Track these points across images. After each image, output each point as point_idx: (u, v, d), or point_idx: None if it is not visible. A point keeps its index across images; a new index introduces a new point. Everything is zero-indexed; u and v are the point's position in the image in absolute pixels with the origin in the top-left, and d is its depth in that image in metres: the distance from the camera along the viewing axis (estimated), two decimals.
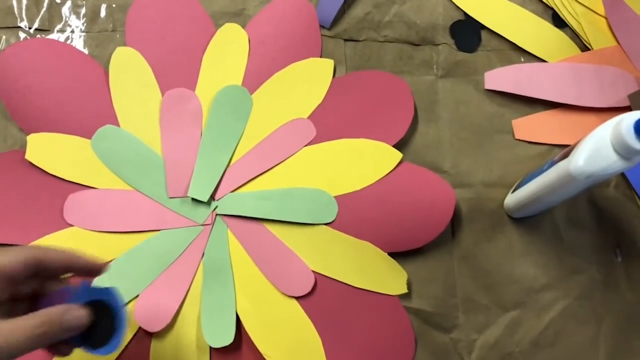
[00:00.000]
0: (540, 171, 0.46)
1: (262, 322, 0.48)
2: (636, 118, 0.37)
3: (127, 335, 0.47)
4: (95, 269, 0.37)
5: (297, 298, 0.49)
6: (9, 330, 0.30)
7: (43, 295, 0.35)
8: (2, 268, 0.32)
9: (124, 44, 0.54)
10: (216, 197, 0.51)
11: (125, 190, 0.50)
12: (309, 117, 0.53)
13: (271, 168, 0.52)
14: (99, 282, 0.43)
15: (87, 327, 0.34)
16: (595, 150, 0.40)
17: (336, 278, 0.49)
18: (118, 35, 0.55)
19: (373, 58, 0.57)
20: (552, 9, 0.60)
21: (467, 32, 0.58)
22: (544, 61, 0.58)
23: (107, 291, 0.36)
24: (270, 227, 0.50)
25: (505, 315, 0.51)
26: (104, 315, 0.36)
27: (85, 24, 0.55)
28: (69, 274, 0.36)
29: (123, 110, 0.52)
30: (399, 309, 0.49)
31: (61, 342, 0.34)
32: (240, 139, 0.52)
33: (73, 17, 0.55)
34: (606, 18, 0.58)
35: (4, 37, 0.54)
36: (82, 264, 0.36)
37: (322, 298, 0.49)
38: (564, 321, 0.51)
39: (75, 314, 0.33)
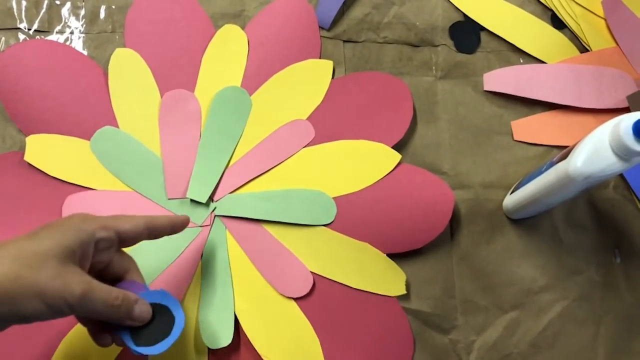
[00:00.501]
0: (539, 172, 0.46)
1: (260, 324, 0.48)
2: (635, 119, 0.37)
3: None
4: (185, 224, 0.43)
5: (295, 299, 0.49)
6: (94, 287, 0.35)
7: (119, 276, 0.40)
8: (125, 232, 0.38)
9: (123, 45, 0.54)
10: (215, 198, 0.51)
11: (124, 191, 0.50)
12: (308, 118, 0.53)
13: (270, 169, 0.52)
14: None
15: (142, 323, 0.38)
16: (594, 151, 0.40)
17: (335, 279, 0.49)
18: (117, 37, 0.55)
19: (372, 59, 0.57)
20: (551, 10, 0.60)
21: (467, 34, 0.58)
22: (543, 62, 0.58)
23: (175, 303, 0.39)
24: (269, 228, 0.50)
25: (504, 316, 0.51)
26: (160, 319, 0.39)
27: (84, 25, 0.55)
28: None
29: (122, 112, 0.52)
30: (398, 310, 0.49)
31: (110, 328, 0.38)
32: (239, 140, 0.52)
33: (72, 18, 0.55)
34: (605, 19, 0.59)
35: (3, 38, 0.54)
36: (179, 223, 0.42)
37: (320, 299, 0.49)
38: (563, 322, 0.51)
39: (144, 308, 0.38)
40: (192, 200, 0.50)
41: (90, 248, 0.36)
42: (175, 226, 0.42)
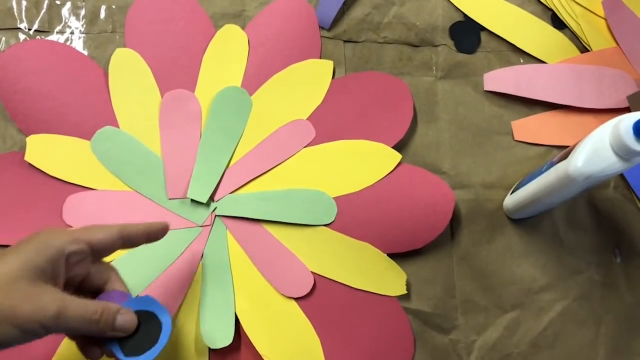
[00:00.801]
0: (540, 172, 0.46)
1: (261, 324, 0.48)
2: (635, 119, 0.37)
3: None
4: (164, 230, 0.40)
5: (296, 299, 0.49)
6: (69, 304, 0.33)
7: (100, 287, 0.38)
8: (97, 242, 0.36)
9: (124, 45, 0.54)
10: (215, 198, 0.51)
11: (125, 191, 0.50)
12: (308, 118, 0.53)
13: (270, 169, 0.52)
14: None
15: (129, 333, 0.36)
16: (594, 151, 0.40)
17: (335, 279, 0.49)
18: (117, 37, 0.55)
19: (372, 59, 0.57)
20: (551, 10, 0.60)
21: (467, 34, 0.58)
22: (543, 62, 0.58)
23: (161, 308, 0.38)
24: (270, 228, 0.50)
25: (505, 316, 0.51)
26: (147, 326, 0.37)
27: (84, 25, 0.55)
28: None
29: (122, 112, 0.52)
30: (398, 310, 0.49)
31: (98, 340, 0.36)
32: (239, 140, 0.52)
33: (73, 18, 0.55)
34: (605, 19, 0.59)
35: (3, 38, 0.54)
36: (156, 230, 0.40)
37: (321, 299, 0.49)
38: (563, 322, 0.51)
39: (127, 317, 0.36)
40: (192, 200, 0.50)
41: (61, 263, 0.34)
42: (151, 234, 0.40)
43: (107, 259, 0.48)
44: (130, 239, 0.38)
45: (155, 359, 0.37)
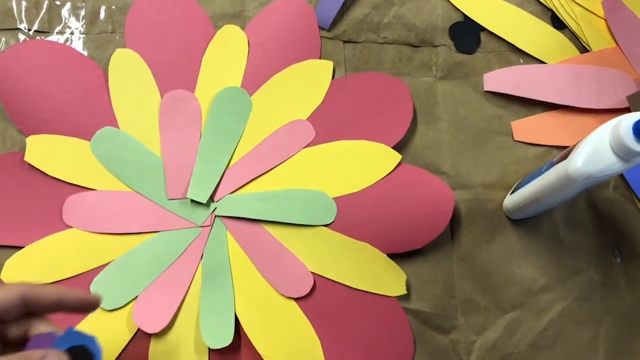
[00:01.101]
0: (539, 172, 0.46)
1: (260, 324, 0.48)
2: (635, 119, 0.37)
3: (126, 336, 0.47)
4: (87, 304, 0.36)
5: (296, 299, 0.49)
6: None
7: (23, 336, 0.34)
8: None
9: (124, 46, 0.54)
10: (215, 198, 0.51)
11: (125, 191, 0.50)
12: (308, 119, 0.53)
13: (270, 169, 0.52)
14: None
15: None
16: (594, 151, 0.40)
17: (335, 279, 0.49)
18: (117, 37, 0.55)
19: (372, 59, 0.57)
20: (551, 10, 0.60)
21: (466, 34, 0.58)
22: (543, 63, 0.58)
23: (89, 339, 0.35)
24: (269, 229, 0.50)
25: (504, 316, 0.51)
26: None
27: (84, 26, 0.55)
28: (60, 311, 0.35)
29: (122, 112, 0.52)
30: (398, 310, 0.49)
31: None
32: (239, 141, 0.52)
33: (72, 18, 0.55)
34: (605, 19, 0.59)
35: (3, 38, 0.54)
36: (74, 298, 0.35)
37: (321, 299, 0.49)
38: (563, 322, 0.51)
39: (55, 358, 0.32)
40: (192, 201, 0.50)
41: None
42: (63, 302, 0.34)
43: (108, 259, 0.48)
44: (35, 304, 0.33)
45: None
